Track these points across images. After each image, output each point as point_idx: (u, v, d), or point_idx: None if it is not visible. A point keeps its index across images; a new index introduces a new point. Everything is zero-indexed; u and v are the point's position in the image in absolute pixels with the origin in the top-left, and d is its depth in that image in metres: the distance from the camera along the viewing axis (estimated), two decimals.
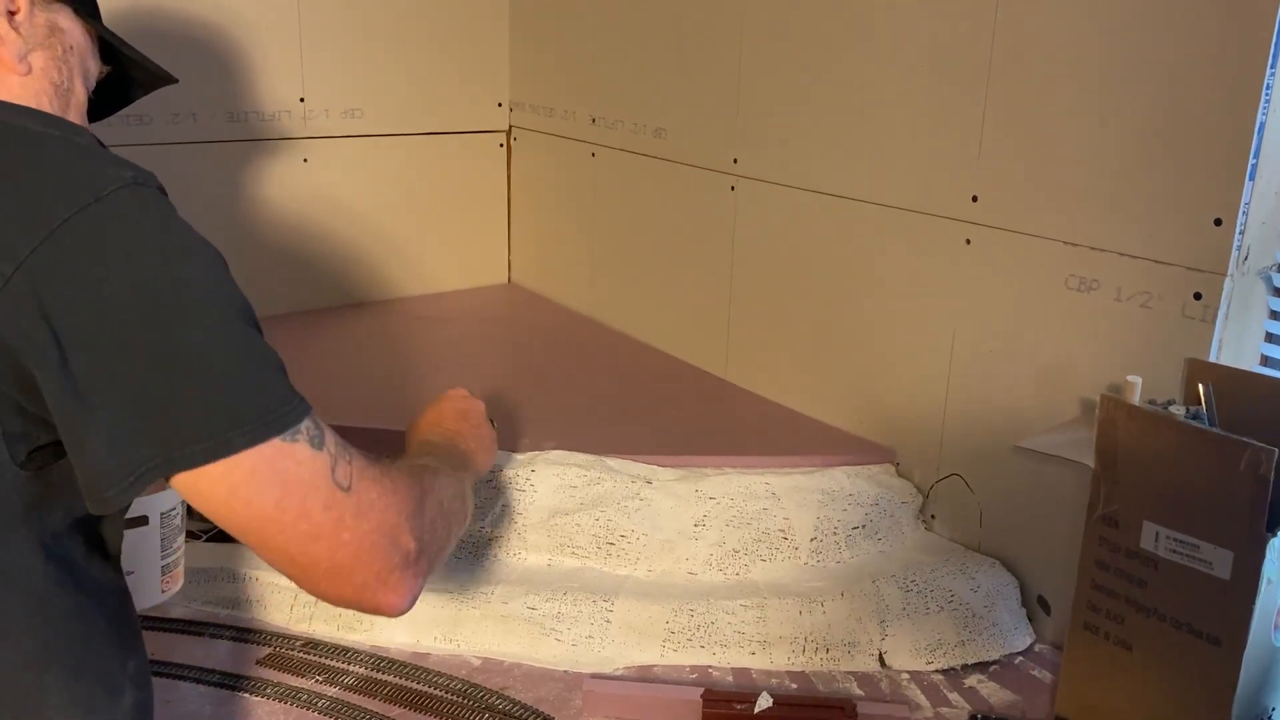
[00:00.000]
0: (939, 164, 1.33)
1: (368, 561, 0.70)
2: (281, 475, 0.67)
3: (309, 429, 0.69)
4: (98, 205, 0.64)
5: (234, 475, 0.66)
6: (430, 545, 0.76)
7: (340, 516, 0.69)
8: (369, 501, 0.71)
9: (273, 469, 0.66)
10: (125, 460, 0.64)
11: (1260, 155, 1.04)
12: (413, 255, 2.12)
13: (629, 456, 1.38)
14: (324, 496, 0.68)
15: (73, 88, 0.81)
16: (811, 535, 1.33)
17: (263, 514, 0.67)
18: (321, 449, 0.69)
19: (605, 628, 1.23)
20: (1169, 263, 1.11)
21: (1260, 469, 0.90)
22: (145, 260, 0.65)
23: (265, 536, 0.68)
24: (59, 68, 0.79)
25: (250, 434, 0.65)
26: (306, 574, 0.70)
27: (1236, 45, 1.03)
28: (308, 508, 0.68)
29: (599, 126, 1.92)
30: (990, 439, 1.32)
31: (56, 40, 0.80)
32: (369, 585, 0.71)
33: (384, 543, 0.71)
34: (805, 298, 1.55)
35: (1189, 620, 0.98)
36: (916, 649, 1.22)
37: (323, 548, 0.69)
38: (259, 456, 0.66)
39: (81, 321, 0.63)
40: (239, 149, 1.87)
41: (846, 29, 1.42)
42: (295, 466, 0.67)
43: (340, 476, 0.69)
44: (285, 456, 0.67)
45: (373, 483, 0.72)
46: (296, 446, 0.67)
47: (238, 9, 1.81)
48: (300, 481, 0.67)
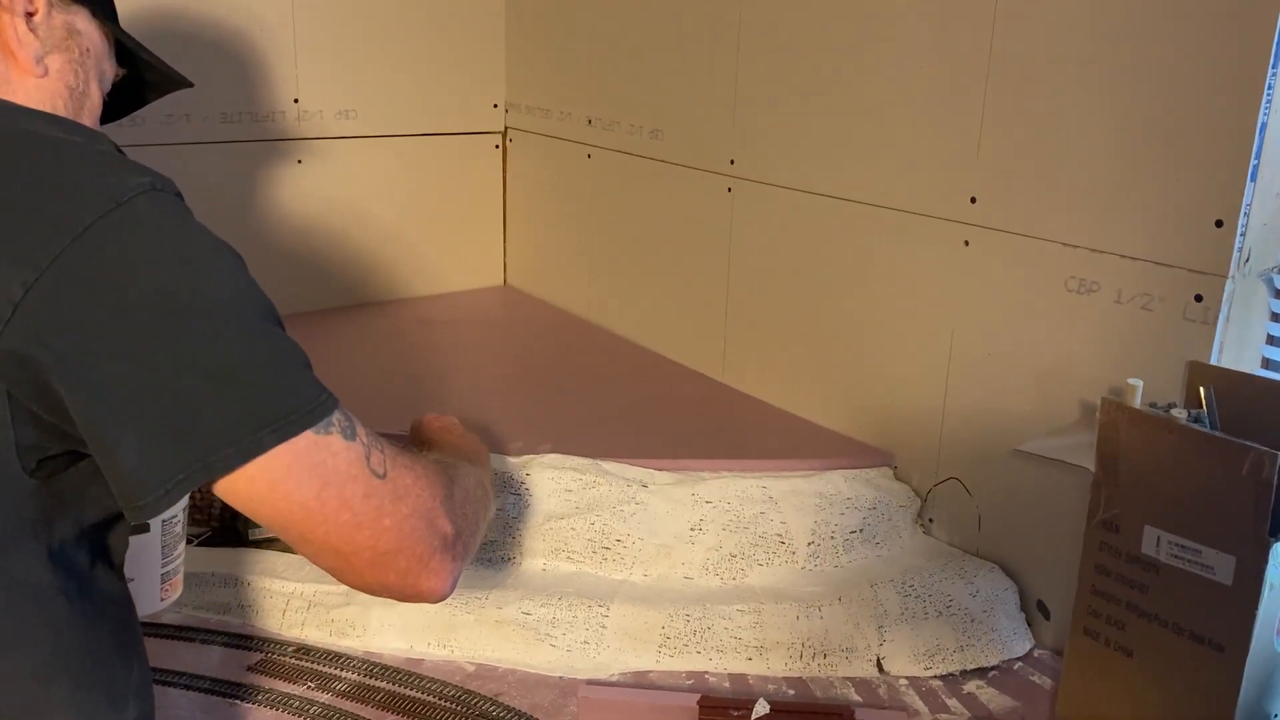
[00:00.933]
0: (937, 165, 1.32)
1: (410, 546, 0.71)
2: (319, 468, 0.67)
3: (340, 421, 0.69)
4: (119, 211, 0.64)
5: (272, 472, 0.66)
6: (465, 529, 0.77)
7: (380, 504, 0.70)
8: (405, 486, 0.72)
9: (310, 462, 0.67)
10: (160, 469, 0.64)
11: (1262, 156, 1.03)
12: (408, 257, 2.11)
13: (625, 460, 1.37)
14: (363, 485, 0.69)
15: (88, 91, 0.82)
16: (809, 539, 1.32)
17: (305, 507, 0.67)
18: (354, 439, 0.70)
19: (601, 633, 1.22)
20: (1170, 264, 1.10)
21: (1263, 473, 0.89)
22: (168, 265, 0.65)
23: (308, 529, 0.69)
24: (75, 70, 0.80)
25: (280, 431, 0.66)
26: (350, 564, 0.71)
27: (1237, 46, 1.02)
28: (347, 497, 0.68)
29: (595, 128, 1.91)
30: (989, 442, 1.31)
31: (74, 43, 0.80)
32: (412, 570, 0.72)
33: (423, 526, 0.72)
34: (803, 300, 1.54)
35: (1191, 626, 0.97)
36: (915, 654, 1.21)
37: (365, 536, 0.69)
38: (294, 451, 0.66)
39: (107, 329, 0.63)
40: (233, 150, 1.86)
41: (844, 30, 1.41)
42: (331, 458, 0.68)
43: (375, 464, 0.70)
44: (320, 449, 0.68)
45: (406, 469, 0.73)
46: (330, 439, 0.68)
47: (232, 9, 1.80)
48: (338, 472, 0.68)
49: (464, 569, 0.76)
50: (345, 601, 1.26)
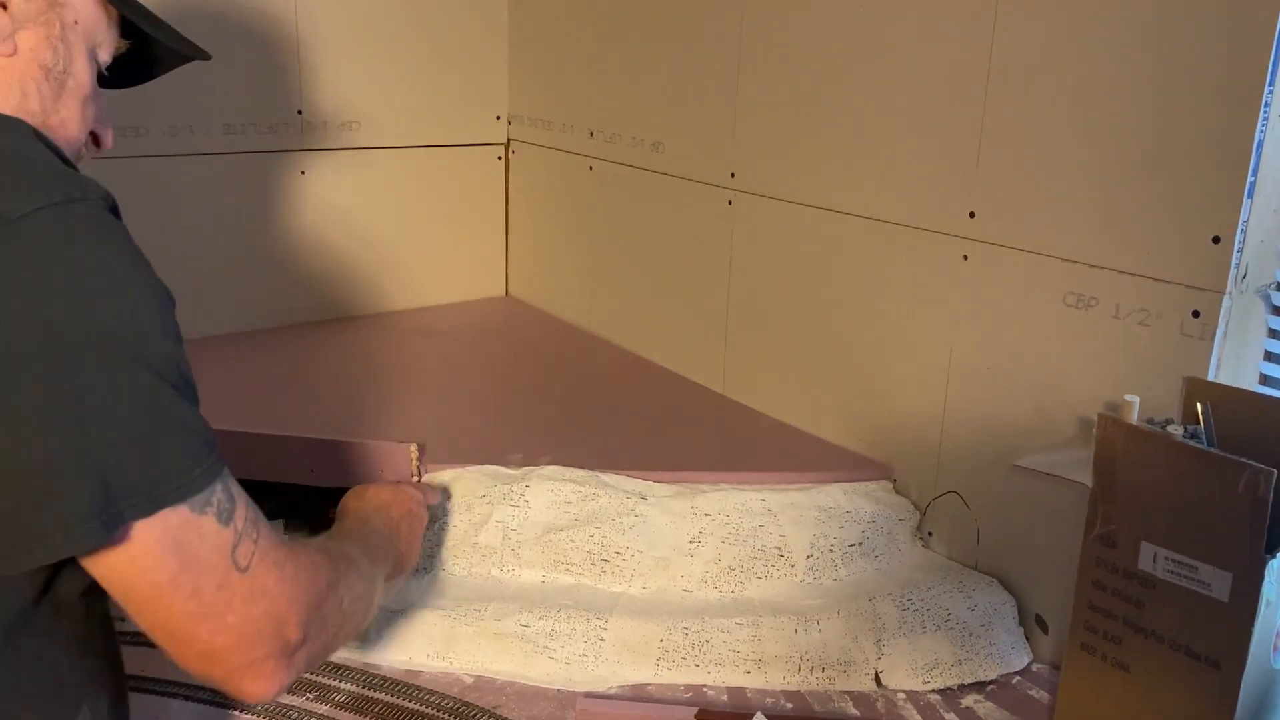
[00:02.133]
0: (936, 179, 1.32)
1: (246, 648, 0.66)
2: (181, 548, 0.62)
3: (220, 500, 0.64)
4: (5, 230, 0.57)
5: (134, 546, 0.61)
6: (316, 641, 0.71)
7: (230, 599, 0.65)
8: (263, 587, 0.66)
9: (174, 541, 0.62)
10: (10, 535, 0.58)
11: (1259, 173, 1.03)
12: (410, 268, 2.12)
13: (624, 472, 1.37)
14: (219, 576, 0.64)
15: (70, 69, 0.73)
16: (808, 553, 1.32)
17: (155, 586, 0.62)
18: (228, 524, 0.64)
19: (599, 646, 1.22)
20: (1167, 280, 1.10)
21: (1259, 490, 0.89)
22: (54, 296, 0.58)
23: (149, 608, 0.64)
24: (54, 48, 0.71)
25: (145, 505, 0.60)
26: (181, 650, 0.66)
27: (1235, 63, 1.02)
28: (200, 586, 0.63)
29: (597, 140, 1.92)
30: (988, 456, 1.31)
31: (55, 15, 0.71)
32: (239, 670, 0.66)
33: (268, 630, 0.67)
34: (803, 313, 1.55)
35: (1187, 642, 0.97)
36: (913, 668, 1.21)
37: (205, 629, 0.64)
38: (163, 526, 0.61)
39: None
40: (236, 161, 1.87)
41: (844, 44, 1.42)
42: (198, 541, 0.63)
43: (241, 556, 0.65)
44: (190, 529, 0.62)
45: (272, 567, 0.67)
46: (203, 520, 0.63)
47: (236, 21, 1.81)
48: (199, 559, 0.63)
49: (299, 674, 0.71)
50: None
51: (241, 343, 1.89)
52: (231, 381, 1.70)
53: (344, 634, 0.78)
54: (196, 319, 1.87)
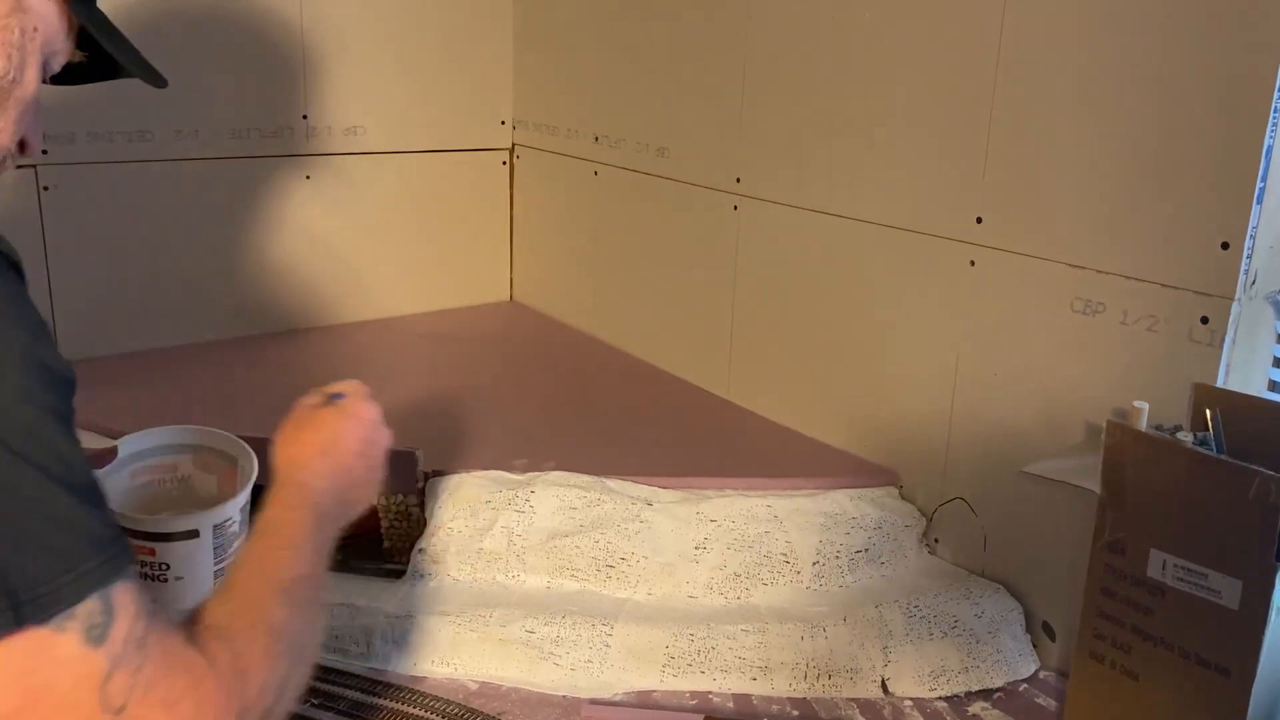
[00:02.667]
0: (943, 185, 1.32)
1: None
2: (26, 679, 0.49)
3: (89, 614, 0.50)
4: None
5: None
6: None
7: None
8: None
9: (15, 668, 0.49)
10: None
11: (1268, 179, 1.03)
12: (415, 273, 2.12)
13: (629, 478, 1.37)
14: (80, 717, 0.50)
15: (20, 78, 0.68)
16: (814, 559, 1.31)
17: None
18: (100, 645, 0.50)
19: (604, 652, 1.22)
20: (1176, 286, 1.10)
21: (1270, 497, 0.89)
22: None
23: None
24: (8, 55, 0.67)
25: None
26: None
27: (1244, 68, 1.02)
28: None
29: (602, 145, 1.92)
30: (994, 462, 1.30)
31: (15, 21, 0.67)
32: None
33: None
34: (808, 318, 1.54)
35: (1197, 650, 0.96)
36: (920, 675, 1.21)
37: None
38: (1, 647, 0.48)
39: None
40: (242, 166, 1.87)
41: (851, 49, 1.42)
42: (50, 667, 0.49)
43: (113, 692, 0.50)
44: (39, 653, 0.49)
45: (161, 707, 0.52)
46: (61, 639, 0.49)
47: (241, 26, 1.81)
48: (52, 692, 0.49)
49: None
50: (349, 619, 1.26)
51: (246, 347, 1.89)
52: (236, 386, 1.70)
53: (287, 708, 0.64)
54: (200, 324, 1.88)
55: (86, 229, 1.73)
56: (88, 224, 1.73)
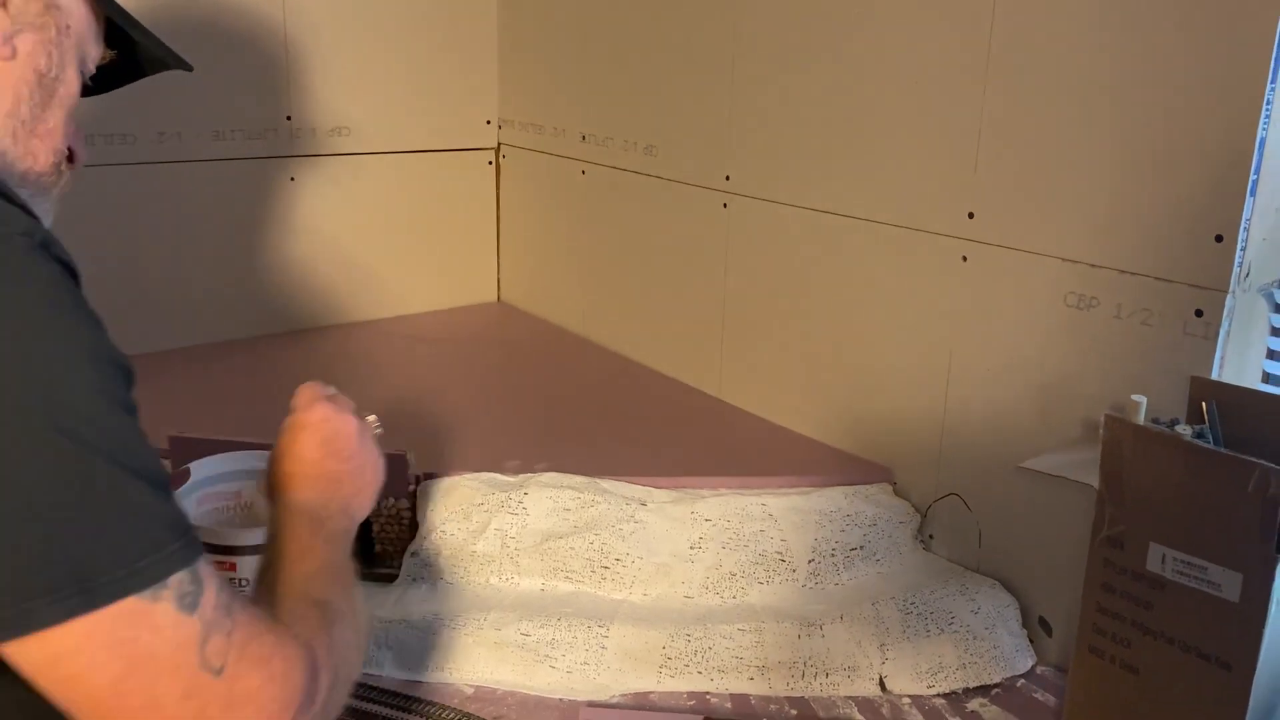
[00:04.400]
0: (935, 180, 1.31)
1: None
2: (124, 645, 0.50)
3: (180, 583, 0.52)
4: None
5: (53, 645, 0.49)
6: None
7: (202, 708, 0.52)
8: (247, 691, 0.54)
9: (114, 638, 0.50)
10: None
11: (1261, 171, 1.03)
12: (401, 274, 2.10)
13: (623, 478, 1.36)
14: (185, 681, 0.52)
15: (62, 76, 0.70)
16: (809, 557, 1.31)
17: (92, 697, 0.50)
18: (193, 612, 0.52)
19: (601, 654, 1.21)
20: (1170, 279, 1.10)
21: (1269, 489, 0.88)
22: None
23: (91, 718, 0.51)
24: (48, 53, 0.69)
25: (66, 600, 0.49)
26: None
27: (1236, 61, 1.02)
28: (158, 694, 0.51)
29: (589, 143, 1.91)
30: (989, 458, 1.30)
31: (51, 20, 0.69)
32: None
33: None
34: (800, 316, 1.54)
35: (1197, 644, 0.96)
36: (917, 672, 1.20)
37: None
38: (94, 623, 0.50)
39: None
40: (225, 168, 1.85)
41: (840, 44, 1.41)
42: (150, 636, 0.51)
43: (212, 653, 0.53)
44: (136, 622, 0.50)
45: (258, 664, 0.55)
46: (156, 608, 0.51)
47: (224, 27, 1.80)
48: (154, 658, 0.51)
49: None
50: None
51: (231, 350, 1.87)
52: (221, 390, 1.68)
53: (341, 704, 0.66)
54: (184, 327, 1.86)
55: (66, 233, 1.70)
56: (67, 228, 1.70)
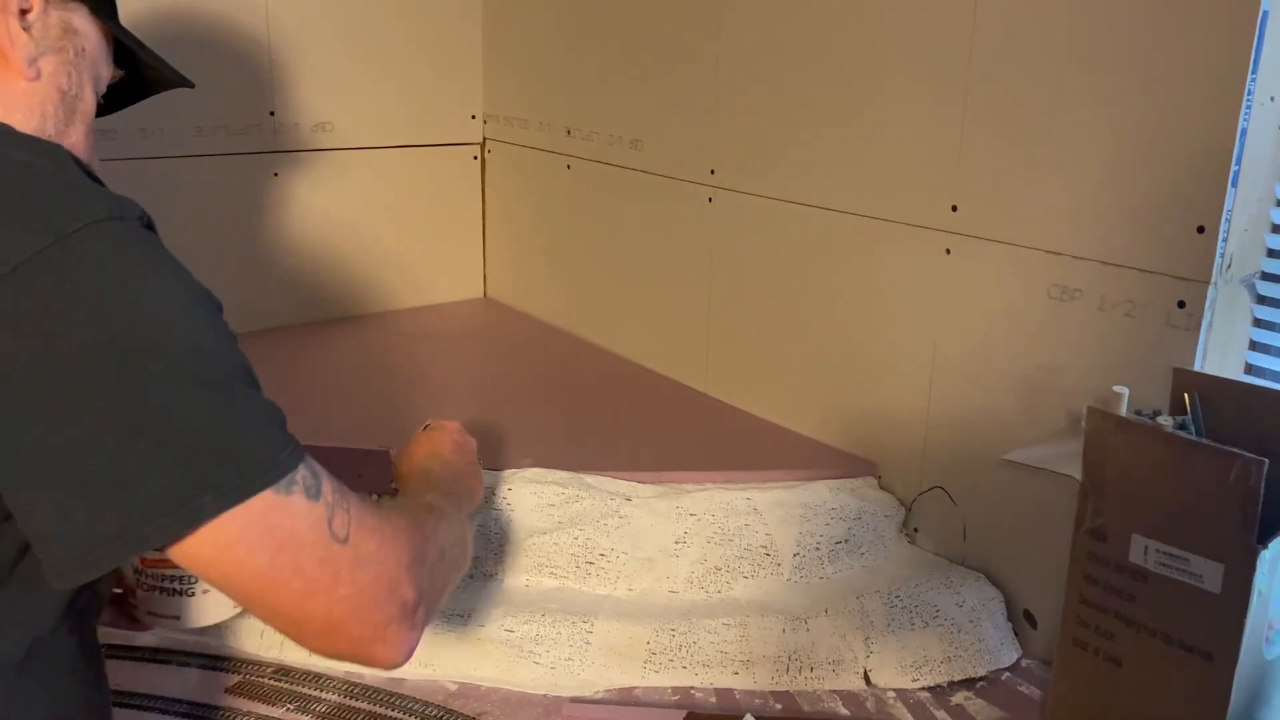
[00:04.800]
0: (918, 173, 1.31)
1: (365, 615, 0.66)
2: (275, 531, 0.62)
3: (305, 478, 0.64)
4: (57, 247, 0.58)
5: (221, 536, 0.61)
6: (430, 594, 0.71)
7: (336, 571, 0.64)
8: (367, 553, 0.66)
9: (265, 525, 0.62)
10: (81, 536, 0.58)
11: (1242, 162, 1.03)
12: (386, 270, 2.09)
13: (608, 473, 1.36)
14: (320, 550, 0.64)
15: (81, 95, 0.76)
16: (794, 551, 1.31)
17: (256, 573, 0.62)
18: (318, 499, 0.65)
19: (585, 649, 1.20)
20: (1152, 271, 1.10)
21: (1250, 480, 0.89)
22: (109, 310, 0.59)
23: (258, 595, 0.64)
24: (69, 73, 0.74)
25: (227, 495, 0.60)
26: (300, 630, 0.66)
27: (1218, 53, 1.02)
28: (302, 564, 0.63)
29: (574, 138, 1.90)
30: (972, 450, 1.30)
31: (69, 43, 0.74)
32: (365, 640, 0.66)
33: (383, 595, 0.67)
34: (785, 310, 1.53)
35: (1180, 635, 0.96)
36: (902, 666, 1.20)
37: (318, 604, 0.64)
38: (249, 514, 0.61)
39: (32, 380, 0.57)
40: (208, 163, 1.83)
41: (824, 39, 1.41)
42: (290, 520, 0.63)
43: (338, 528, 0.65)
44: (279, 511, 0.62)
45: (371, 532, 0.67)
46: (291, 500, 0.63)
47: (206, 21, 1.78)
48: (295, 536, 0.63)
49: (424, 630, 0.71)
50: None
51: None
52: None
53: (451, 581, 0.79)
54: None
55: None
56: None
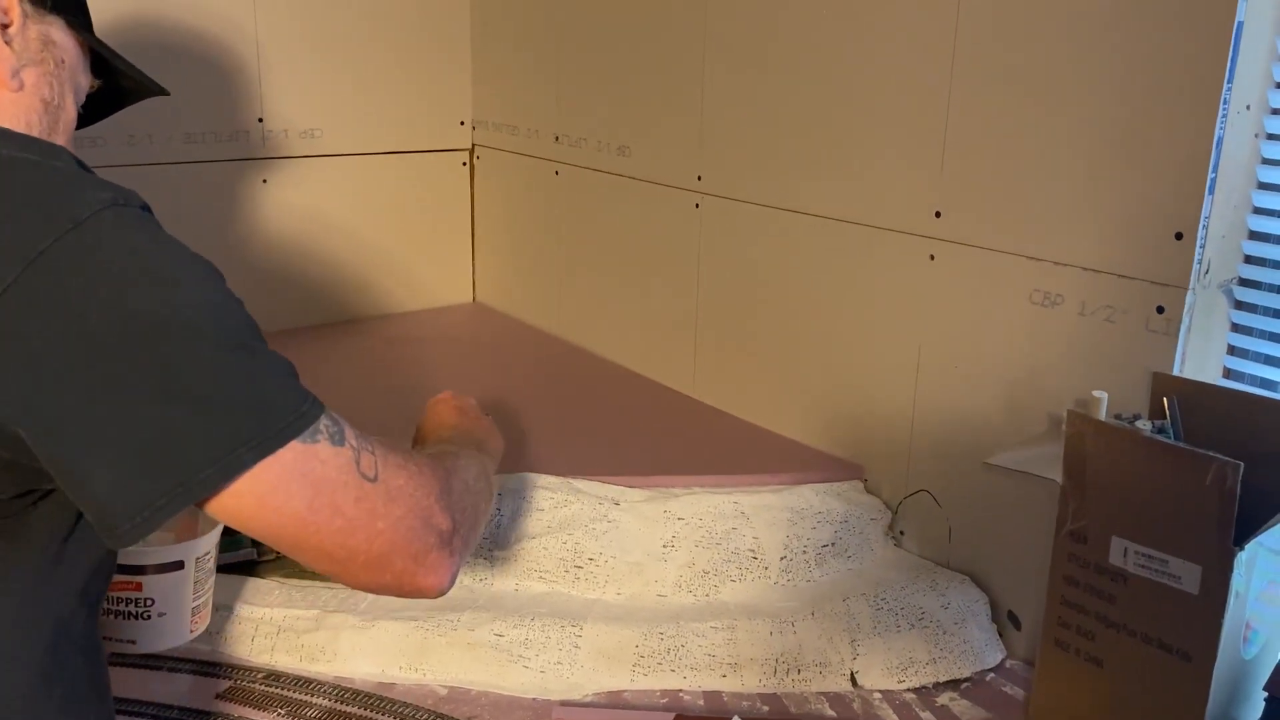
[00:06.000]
0: (901, 180, 1.33)
1: (405, 546, 0.70)
2: (308, 476, 0.66)
3: (327, 427, 0.68)
4: (75, 232, 0.62)
5: (259, 486, 0.65)
6: (463, 523, 0.76)
7: (372, 507, 0.69)
8: (397, 488, 0.71)
9: (298, 472, 0.66)
10: (135, 497, 0.62)
11: (1219, 169, 1.05)
12: (376, 275, 2.10)
13: (596, 478, 1.37)
14: (354, 490, 0.68)
15: (63, 104, 0.79)
16: (781, 554, 1.32)
17: (297, 517, 0.67)
18: (343, 444, 0.69)
19: (574, 653, 1.21)
20: (1132, 277, 1.11)
21: (1227, 482, 0.90)
22: (132, 285, 0.63)
23: (302, 538, 0.68)
24: (50, 84, 0.77)
25: (260, 447, 0.64)
26: (346, 568, 0.70)
27: (1194, 60, 1.03)
28: (339, 503, 0.68)
29: (563, 144, 1.91)
30: (957, 454, 1.31)
31: (49, 55, 0.77)
32: (409, 569, 0.71)
33: (418, 525, 0.71)
34: (771, 314, 1.55)
35: (1159, 635, 0.98)
36: (888, 668, 1.22)
37: (360, 540, 0.69)
38: (281, 464, 0.65)
39: (68, 358, 0.60)
40: (197, 170, 1.84)
41: (808, 46, 1.42)
42: (320, 466, 0.67)
43: (365, 468, 0.69)
44: (308, 458, 0.67)
45: (398, 469, 0.72)
46: (318, 447, 0.67)
47: (194, 29, 1.79)
48: (327, 480, 0.67)
49: (463, 564, 0.76)
50: (315, 626, 1.24)
51: None
52: None
53: (480, 512, 0.83)
54: None
55: None
56: None
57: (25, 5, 0.76)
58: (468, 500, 0.78)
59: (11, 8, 0.75)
